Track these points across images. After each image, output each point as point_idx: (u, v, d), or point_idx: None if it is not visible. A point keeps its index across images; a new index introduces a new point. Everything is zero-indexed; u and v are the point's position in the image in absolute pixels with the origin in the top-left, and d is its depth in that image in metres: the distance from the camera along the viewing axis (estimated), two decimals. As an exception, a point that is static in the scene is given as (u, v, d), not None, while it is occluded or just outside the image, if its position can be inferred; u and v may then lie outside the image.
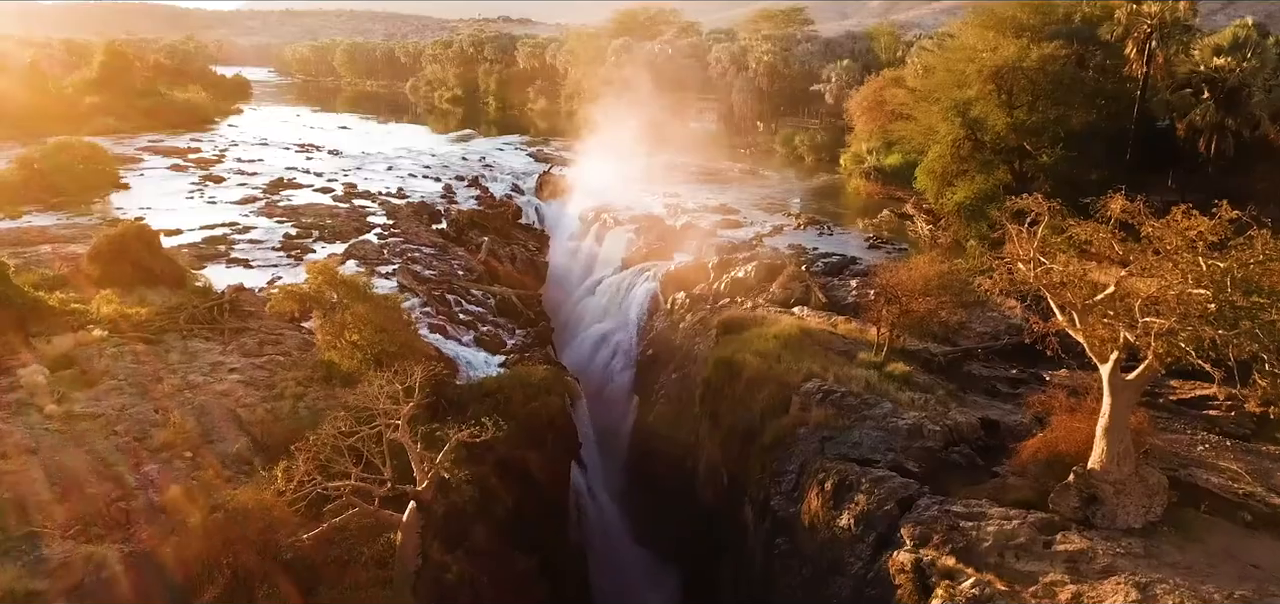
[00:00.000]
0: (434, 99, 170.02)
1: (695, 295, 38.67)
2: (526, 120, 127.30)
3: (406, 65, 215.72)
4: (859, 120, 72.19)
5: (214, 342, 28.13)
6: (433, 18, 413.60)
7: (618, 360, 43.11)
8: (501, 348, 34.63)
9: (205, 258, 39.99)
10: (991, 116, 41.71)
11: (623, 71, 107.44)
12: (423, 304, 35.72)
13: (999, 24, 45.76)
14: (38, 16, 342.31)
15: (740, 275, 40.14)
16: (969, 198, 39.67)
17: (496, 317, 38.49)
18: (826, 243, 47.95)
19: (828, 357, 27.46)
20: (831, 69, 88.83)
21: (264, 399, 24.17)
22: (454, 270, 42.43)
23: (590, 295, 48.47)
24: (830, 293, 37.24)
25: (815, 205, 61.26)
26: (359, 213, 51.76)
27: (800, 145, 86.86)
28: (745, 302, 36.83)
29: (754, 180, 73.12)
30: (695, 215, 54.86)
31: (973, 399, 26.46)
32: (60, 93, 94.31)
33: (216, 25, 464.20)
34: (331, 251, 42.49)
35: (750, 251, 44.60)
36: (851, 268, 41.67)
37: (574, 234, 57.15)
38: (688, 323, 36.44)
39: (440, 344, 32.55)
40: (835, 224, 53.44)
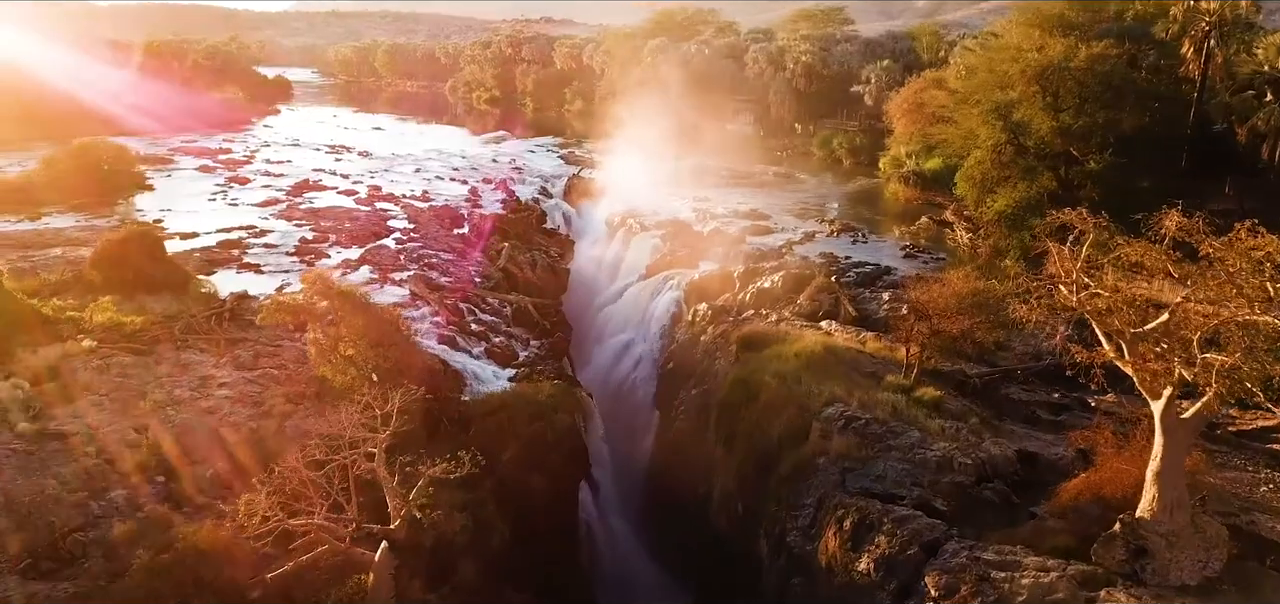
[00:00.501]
0: (472, 100, 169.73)
1: (718, 307, 36.88)
2: (563, 122, 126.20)
3: (446, 66, 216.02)
4: (898, 123, 69.89)
5: (209, 353, 27.01)
6: (476, 18, 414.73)
7: (639, 372, 41.52)
8: (513, 360, 33.17)
9: (216, 262, 39.11)
10: (1036, 120, 39.35)
11: (658, 72, 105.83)
12: (433, 314, 34.40)
13: (1045, 22, 43.33)
14: (89, 16, 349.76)
15: (766, 285, 38.30)
16: (1010, 206, 37.38)
17: (511, 326, 37.07)
18: (860, 251, 45.83)
19: (852, 378, 25.55)
20: (871, 69, 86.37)
21: (250, 417, 22.94)
22: (471, 277, 41.09)
23: (614, 303, 46.93)
24: (861, 306, 35.25)
25: (851, 211, 59.09)
26: (380, 216, 50.74)
27: (838, 148, 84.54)
28: (769, 314, 34.99)
29: (788, 184, 71.06)
30: (724, 221, 53.04)
31: (1010, 428, 24.40)
32: (100, 93, 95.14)
33: (264, 26, 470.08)
34: (346, 257, 41.45)
35: (778, 260, 42.69)
36: (885, 279, 39.58)
37: (600, 239, 55.67)
38: (709, 336, 34.69)
39: (447, 356, 31.21)
40: (870, 231, 51.25)
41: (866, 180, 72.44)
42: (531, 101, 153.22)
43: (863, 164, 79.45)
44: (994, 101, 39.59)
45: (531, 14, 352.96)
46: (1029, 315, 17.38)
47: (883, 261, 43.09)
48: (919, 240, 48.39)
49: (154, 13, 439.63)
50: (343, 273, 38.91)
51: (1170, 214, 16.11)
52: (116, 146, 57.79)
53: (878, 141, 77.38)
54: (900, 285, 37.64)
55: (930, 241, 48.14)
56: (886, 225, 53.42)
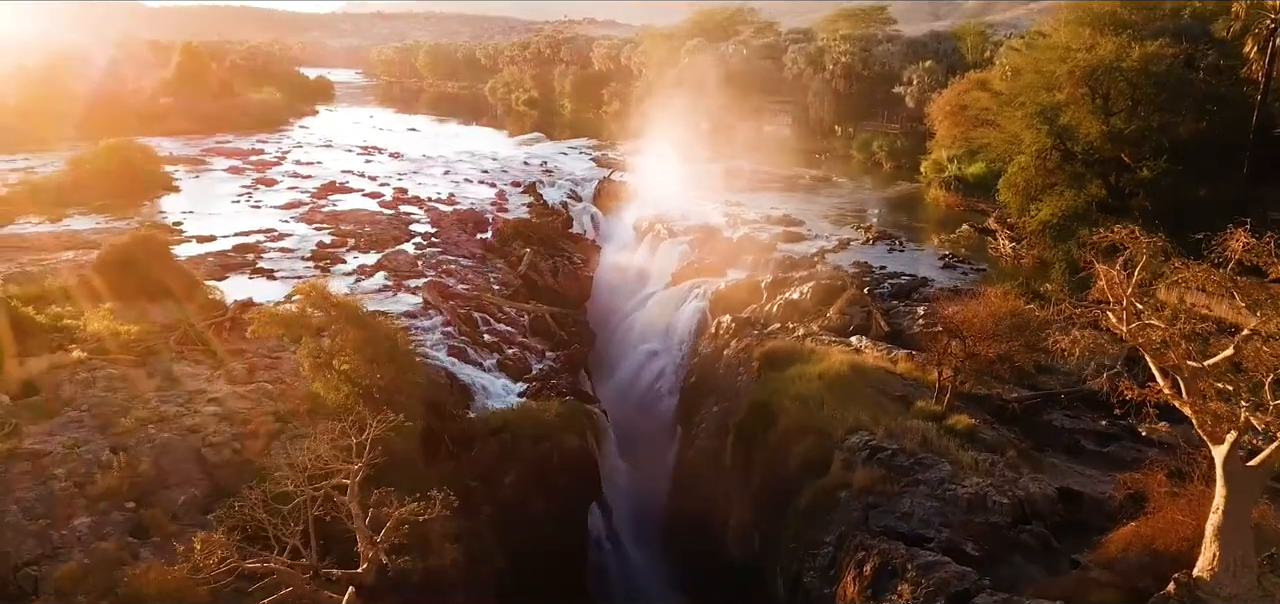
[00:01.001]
0: (511, 101, 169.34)
1: (742, 319, 35.14)
2: (600, 123, 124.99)
3: (486, 67, 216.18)
4: (940, 125, 67.23)
5: (204, 364, 25.95)
6: (519, 19, 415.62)
7: (662, 384, 39.96)
8: (526, 373, 31.78)
9: (229, 267, 38.29)
10: (1084, 124, 36.97)
11: (694, 73, 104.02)
12: (444, 323, 33.11)
13: (1096, 20, 40.88)
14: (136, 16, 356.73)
15: (795, 297, 36.51)
16: (1056, 216, 35.09)
17: (528, 336, 35.68)
18: (896, 260, 43.77)
19: (880, 402, 23.69)
20: (913, 70, 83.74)
21: (235, 436, 21.71)
22: (489, 284, 39.80)
23: (639, 310, 45.38)
24: (894, 320, 33.29)
25: (889, 217, 56.91)
26: (403, 220, 49.75)
27: (878, 151, 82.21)
28: (796, 328, 33.16)
29: (825, 188, 68.97)
30: (755, 226, 51.20)
31: (1051, 460, 22.40)
32: (137, 94, 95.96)
33: (311, 28, 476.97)
34: (362, 262, 40.42)
35: (809, 270, 40.80)
36: (921, 291, 37.49)
37: (627, 245, 54.16)
38: (732, 350, 32.98)
39: (456, 369, 29.91)
40: (908, 239, 49.10)
41: (907, 185, 70.12)
42: (569, 103, 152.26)
43: (903, 168, 77.07)
44: (1039, 104, 37.29)
45: (575, 15, 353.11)
46: (1072, 348, 15.50)
47: (920, 272, 40.99)
48: (959, 250, 46.17)
49: (204, 14, 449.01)
50: (357, 279, 37.95)
51: (1237, 233, 14.11)
52: (143, 147, 57.63)
53: (919, 145, 74.92)
54: (936, 299, 35.68)
55: (971, 251, 45.89)
56: (926, 233, 51.20)
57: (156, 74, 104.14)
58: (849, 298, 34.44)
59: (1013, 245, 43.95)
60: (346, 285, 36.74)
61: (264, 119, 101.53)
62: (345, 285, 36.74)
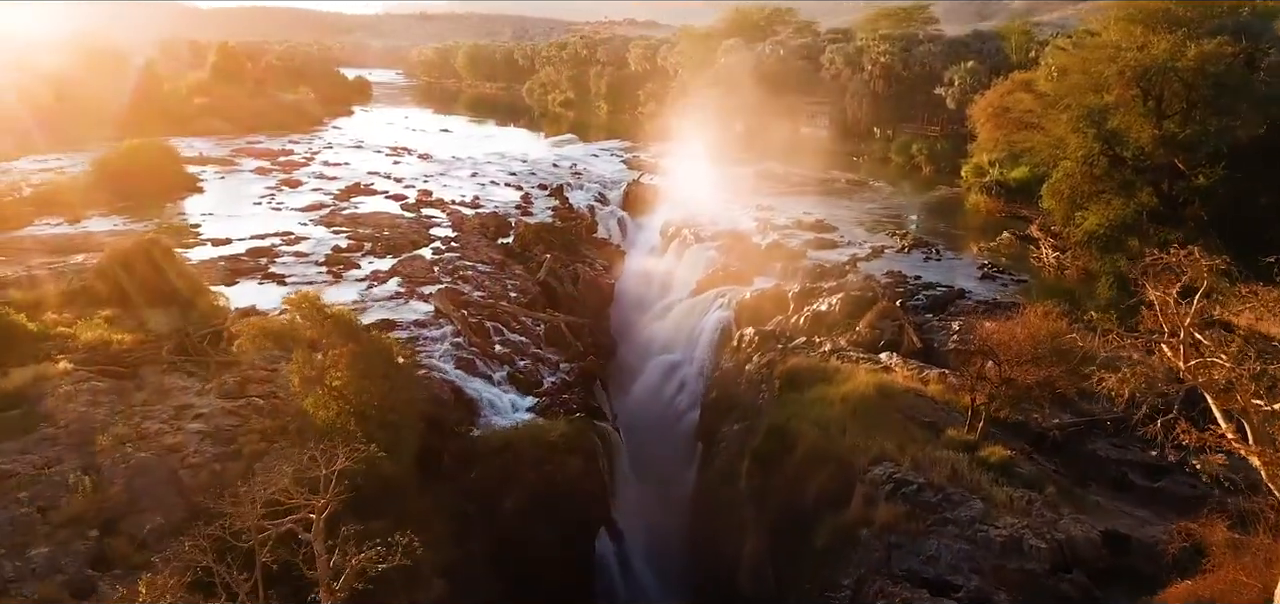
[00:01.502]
0: (547, 103, 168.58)
1: (766, 332, 33.42)
2: (636, 125, 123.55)
3: (524, 68, 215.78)
4: (982, 128, 64.59)
5: (196, 377, 24.89)
6: (560, 20, 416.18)
7: (684, 397, 38.31)
8: (536, 387, 30.37)
9: (240, 272, 37.39)
10: (1134, 127, 34.68)
11: (730, 74, 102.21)
12: (454, 333, 31.83)
13: (1148, 17, 38.48)
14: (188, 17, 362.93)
15: (823, 309, 34.68)
16: (1103, 226, 32.86)
17: (543, 347, 34.30)
18: (932, 270, 41.68)
19: (907, 430, 21.89)
20: (954, 71, 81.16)
21: (216, 456, 20.56)
22: (506, 291, 38.51)
23: (661, 319, 43.80)
24: (927, 335, 31.35)
25: (927, 223, 54.75)
26: (423, 224, 48.67)
27: (917, 154, 79.82)
28: (823, 343, 31.37)
29: (861, 192, 66.80)
30: (785, 233, 49.36)
31: (1094, 498, 20.45)
32: (173, 94, 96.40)
33: (355, 29, 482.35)
34: (376, 268, 39.31)
35: (840, 279, 38.92)
36: (957, 304, 35.46)
37: (653, 250, 52.60)
38: (754, 365, 31.28)
39: (462, 382, 28.58)
40: (946, 247, 46.92)
41: (946, 190, 67.75)
42: (605, 104, 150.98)
43: (943, 172, 74.66)
44: (1087, 106, 35.05)
45: (615, 15, 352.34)
46: (1121, 388, 13.69)
47: (957, 283, 38.89)
48: (999, 259, 43.90)
49: (252, 16, 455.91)
50: (369, 285, 36.85)
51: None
52: (166, 148, 57.35)
53: (960, 148, 72.43)
54: (973, 312, 33.65)
55: (1011, 261, 43.60)
56: (965, 241, 48.95)
57: (193, 74, 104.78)
58: (880, 311, 32.55)
59: (1056, 256, 41.69)
60: (357, 292, 35.72)
61: (297, 119, 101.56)
62: (356, 292, 35.73)
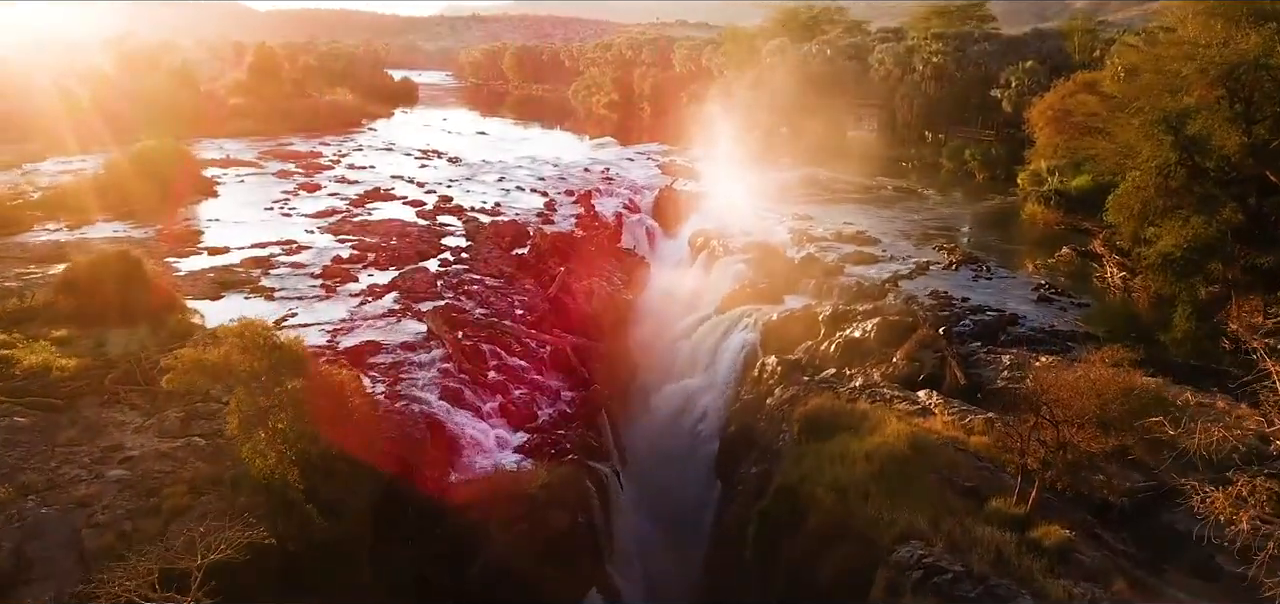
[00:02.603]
0: (592, 104, 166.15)
1: (790, 362, 29.96)
2: (678, 127, 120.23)
3: (570, 69, 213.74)
4: (1041, 132, 60.63)
5: (139, 410, 22.25)
6: (611, 22, 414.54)
7: (705, 427, 34.92)
8: (531, 420, 27.31)
9: (228, 285, 34.94)
10: (1218, 134, 30.43)
11: (774, 75, 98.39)
12: (444, 358, 28.89)
13: (1233, 11, 34.13)
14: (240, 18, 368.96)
15: (856, 335, 31.07)
16: (1180, 247, 28.72)
17: (544, 372, 31.23)
18: (982, 290, 37.75)
19: (943, 497, 18.29)
20: (1011, 72, 76.41)
21: (131, 512, 17.78)
22: (512, 308, 35.55)
23: (686, 338, 40.50)
24: (973, 370, 27.58)
25: (978, 236, 50.58)
26: (436, 233, 46.00)
27: (970, 160, 75.25)
28: (854, 376, 27.83)
29: (909, 201, 62.68)
30: (822, 246, 45.67)
31: (1174, 591, 16.67)
32: (209, 94, 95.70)
33: (407, 31, 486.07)
34: (374, 282, 36.63)
35: (877, 301, 35.24)
36: (1010, 331, 31.58)
37: (681, 262, 49.32)
38: (776, 399, 27.83)
39: (446, 416, 25.60)
40: (999, 263, 42.84)
41: (1000, 199, 63.29)
42: (649, 106, 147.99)
43: (997, 179, 70.12)
44: (1162, 110, 30.86)
45: (667, 16, 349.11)
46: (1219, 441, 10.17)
47: (1009, 306, 34.95)
48: (1058, 278, 39.73)
49: (306, 17, 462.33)
50: (363, 301, 34.14)
51: None
52: (181, 150, 55.63)
53: (1016, 154, 67.94)
54: (1027, 344, 29.76)
55: (1071, 280, 39.39)
56: (1019, 256, 44.74)
57: (230, 75, 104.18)
58: (919, 340, 28.88)
59: (1122, 276, 37.43)
60: (348, 309, 33.02)
61: (334, 121, 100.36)
62: (346, 309, 33.04)
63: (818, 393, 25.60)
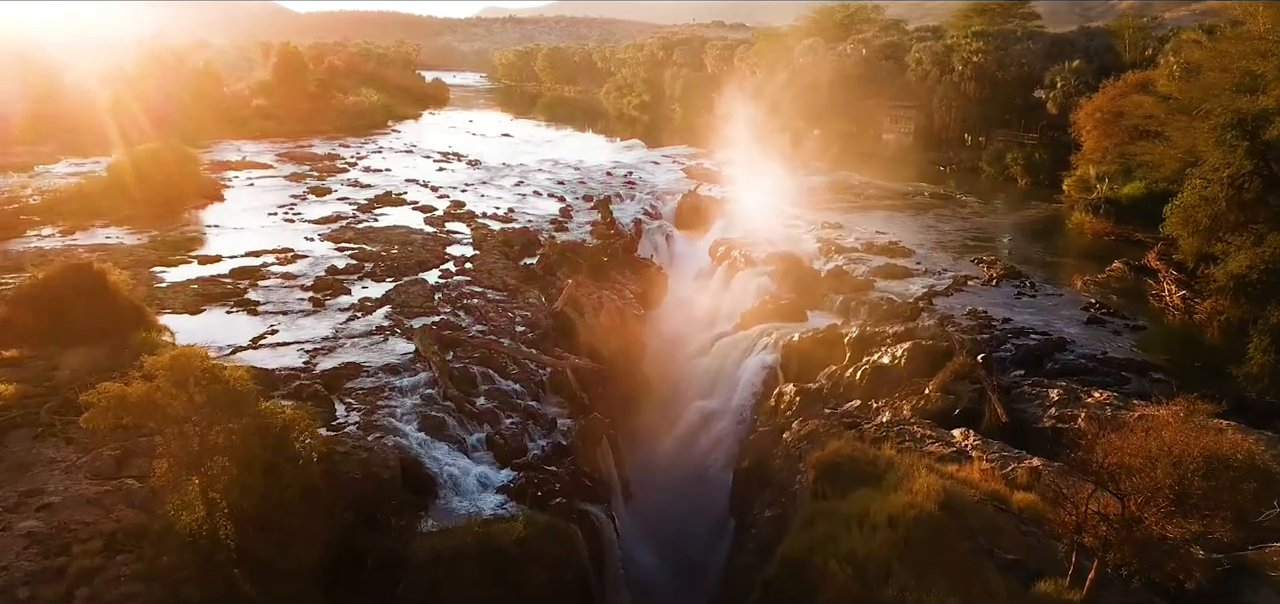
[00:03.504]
0: (623, 105, 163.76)
1: (809, 391, 27.15)
2: (708, 129, 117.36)
3: (603, 70, 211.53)
4: (1088, 135, 57.22)
5: (75, 444, 19.96)
6: (647, 23, 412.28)
7: (719, 456, 32.24)
8: (520, 454, 24.63)
9: (211, 298, 32.74)
10: (1300, 139, 27.08)
11: (807, 75, 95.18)
12: (428, 382, 26.39)
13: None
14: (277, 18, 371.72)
15: (885, 361, 28.10)
16: (1256, 267, 25.39)
17: (542, 398, 28.59)
18: (1025, 309, 34.55)
19: (980, 574, 15.31)
20: (1056, 71, 72.56)
21: (31, 576, 15.43)
22: (512, 324, 32.98)
23: (704, 356, 37.77)
24: (1017, 405, 24.51)
25: (1020, 247, 47.22)
26: (442, 241, 43.62)
27: (1012, 164, 71.59)
28: (881, 410, 24.91)
29: (946, 208, 59.32)
30: (851, 258, 42.66)
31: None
32: (232, 95, 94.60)
33: (444, 32, 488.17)
34: (367, 295, 34.24)
35: (909, 321, 32.20)
36: (1057, 359, 28.41)
37: (702, 272, 46.53)
38: (794, 434, 24.94)
39: (423, 450, 23.04)
40: (1043, 278, 39.57)
41: (1044, 206, 59.74)
42: (680, 107, 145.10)
43: (1040, 185, 66.50)
44: (1236, 111, 27.49)
45: (704, 17, 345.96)
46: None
47: (1055, 328, 31.74)
48: (1109, 296, 36.33)
49: (345, 18, 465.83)
50: (351, 317, 31.76)
51: None
52: (186, 153, 53.75)
53: (1061, 158, 64.23)
54: (1078, 374, 26.60)
55: (1124, 299, 35.99)
56: (1066, 270, 41.34)
57: (254, 75, 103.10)
58: (955, 368, 25.87)
59: (1181, 295, 34.03)
60: (333, 325, 30.64)
61: (358, 122, 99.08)
62: (332, 325, 30.67)
63: (838, 432, 22.71)
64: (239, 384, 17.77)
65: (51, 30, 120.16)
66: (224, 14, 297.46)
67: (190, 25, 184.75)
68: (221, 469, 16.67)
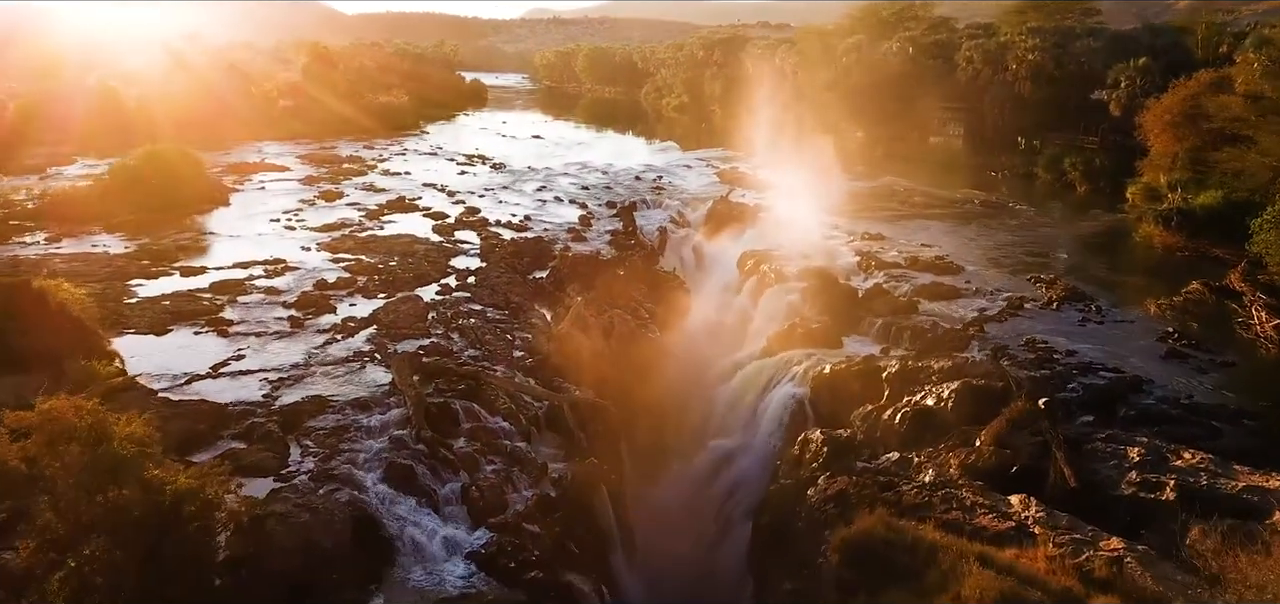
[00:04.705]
0: (662, 106, 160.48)
1: (841, 441, 23.39)
2: (746, 130, 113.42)
3: (643, 71, 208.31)
4: (1157, 139, 52.60)
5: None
6: (690, 24, 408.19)
7: (738, 503, 28.63)
8: (500, 510, 21.16)
9: (181, 316, 29.85)
10: None
11: (850, 75, 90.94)
12: (401, 421, 23.12)
13: None
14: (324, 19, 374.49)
15: (930, 403, 24.24)
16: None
17: (535, 437, 25.19)
18: (1091, 339, 30.38)
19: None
20: (1120, 70, 67.53)
21: None
22: (510, 348, 29.66)
23: (724, 384, 34.13)
24: (1088, 463, 20.51)
25: (1081, 262, 42.81)
26: (446, 252, 40.53)
27: (1070, 169, 66.76)
28: (923, 467, 21.11)
29: (998, 217, 54.98)
30: (894, 273, 38.78)
31: None
32: (260, 96, 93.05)
33: (489, 34, 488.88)
34: (351, 315, 31.14)
35: (957, 353, 28.24)
36: (1132, 402, 24.32)
37: (728, 287, 42.83)
38: (819, 492, 21.22)
39: (384, 506, 19.77)
40: (1110, 301, 35.28)
41: (1106, 216, 55.08)
42: (719, 108, 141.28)
43: (1101, 193, 61.69)
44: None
45: (748, 17, 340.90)
46: None
47: (1128, 362, 27.58)
48: (1188, 323, 31.97)
49: (392, 20, 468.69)
50: (329, 341, 28.68)
51: None
52: (186, 155, 51.44)
53: (1124, 164, 59.33)
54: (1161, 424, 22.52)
55: (1207, 327, 31.58)
56: (1135, 291, 36.94)
57: (283, 75, 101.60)
58: (1013, 416, 21.93)
59: (1275, 324, 29.63)
60: (306, 350, 27.57)
61: (386, 124, 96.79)
62: (305, 349, 27.61)
63: (871, 498, 18.98)
64: (133, 440, 14.66)
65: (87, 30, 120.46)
66: (269, 14, 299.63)
67: (235, 25, 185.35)
68: (100, 551, 13.58)
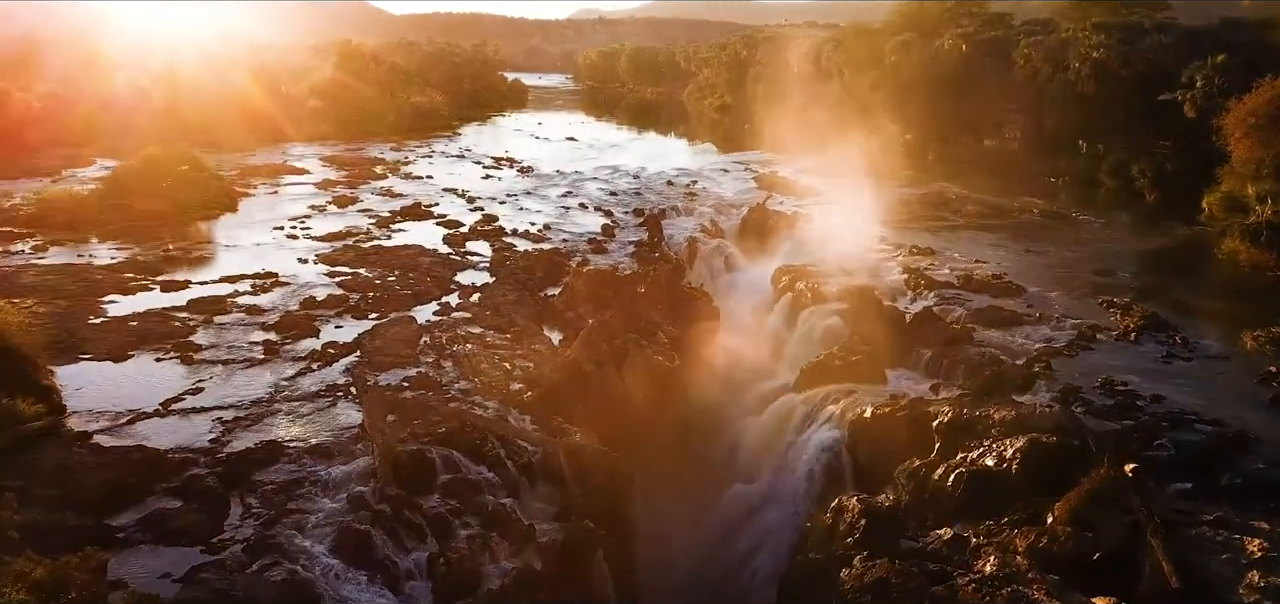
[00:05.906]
0: (703, 107, 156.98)
1: (879, 512, 19.61)
2: (789, 132, 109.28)
3: (686, 71, 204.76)
4: (1239, 144, 47.44)
5: None
6: (736, 23, 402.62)
7: (762, 563, 25.13)
8: (471, 587, 17.81)
9: (147, 339, 26.93)
10: None
11: (899, 74, 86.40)
12: (362, 476, 19.83)
13: None
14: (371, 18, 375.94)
15: (989, 463, 20.30)
16: None
17: (527, 490, 21.79)
18: (1179, 380, 26.09)
19: None
20: (1196, 68, 62.19)
21: None
22: (509, 380, 26.30)
23: (753, 417, 30.49)
24: (1193, 551, 16.51)
25: (1158, 284, 38.14)
26: (454, 265, 37.46)
27: (1139, 176, 61.72)
28: (983, 550, 17.29)
29: (1060, 229, 50.53)
30: (946, 295, 34.77)
31: None
32: (289, 97, 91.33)
33: (535, 34, 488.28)
34: (335, 338, 28.04)
35: (1021, 396, 24.20)
36: (1236, 464, 20.13)
37: (761, 307, 39.05)
38: (854, 579, 17.47)
39: (330, 585, 16.50)
40: (1197, 330, 30.88)
41: (1182, 229, 50.13)
42: (761, 109, 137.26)
43: (1175, 203, 56.43)
44: None
45: (796, 17, 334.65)
46: None
47: (1226, 410, 23.30)
48: (1293, 360, 27.56)
49: (439, 20, 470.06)
50: (305, 368, 25.69)
51: None
52: (194, 158, 49.14)
53: (1200, 170, 54.01)
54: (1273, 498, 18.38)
55: (1316, 364, 27.17)
56: (1225, 320, 32.36)
57: (314, 76, 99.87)
58: (1094, 487, 17.93)
59: (1403, 363, 25.13)
60: (273, 382, 24.48)
61: (418, 125, 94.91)
62: (271, 381, 24.52)
63: (917, 596, 15.25)
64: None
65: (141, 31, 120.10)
66: (316, 14, 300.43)
67: (281, 24, 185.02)
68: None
